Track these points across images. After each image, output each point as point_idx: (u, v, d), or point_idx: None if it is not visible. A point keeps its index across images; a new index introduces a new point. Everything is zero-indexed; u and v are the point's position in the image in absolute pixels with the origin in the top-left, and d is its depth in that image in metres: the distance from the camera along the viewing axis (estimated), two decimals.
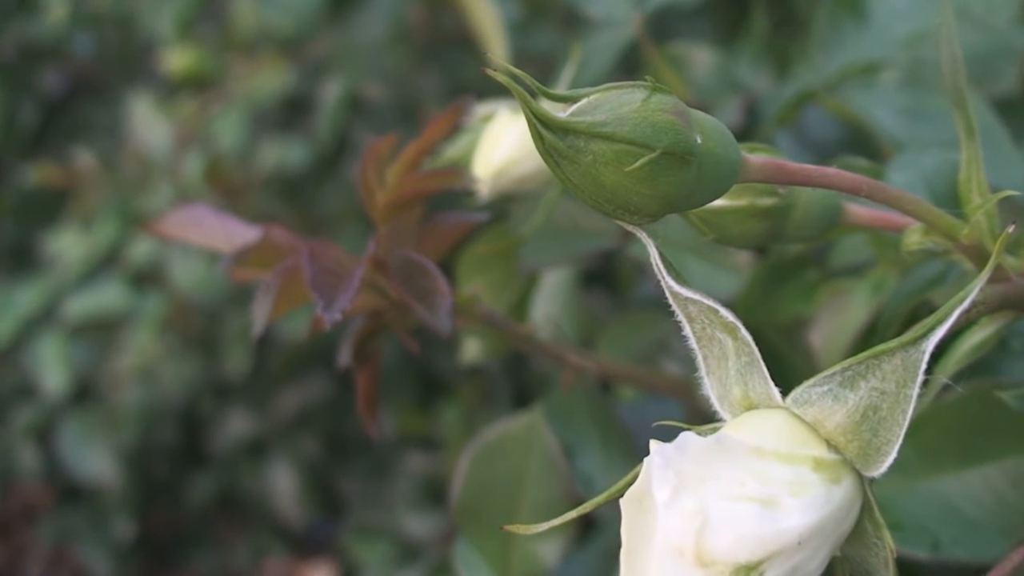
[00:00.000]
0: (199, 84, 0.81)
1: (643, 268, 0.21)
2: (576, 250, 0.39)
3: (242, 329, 0.77)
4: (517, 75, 0.19)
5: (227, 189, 0.76)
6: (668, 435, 0.19)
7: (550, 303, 0.45)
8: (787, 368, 0.32)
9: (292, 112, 0.81)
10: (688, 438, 0.18)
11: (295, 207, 0.79)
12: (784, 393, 0.20)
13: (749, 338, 0.20)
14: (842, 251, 0.33)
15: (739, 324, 0.20)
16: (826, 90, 0.38)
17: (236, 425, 0.85)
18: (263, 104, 0.79)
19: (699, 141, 0.20)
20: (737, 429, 0.19)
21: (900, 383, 0.18)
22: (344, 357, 0.32)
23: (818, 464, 0.18)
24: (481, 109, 0.39)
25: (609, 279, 0.54)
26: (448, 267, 0.33)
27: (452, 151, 0.38)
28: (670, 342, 0.38)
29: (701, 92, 0.42)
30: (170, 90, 0.83)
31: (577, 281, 0.47)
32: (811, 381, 0.20)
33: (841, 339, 0.31)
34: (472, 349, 0.44)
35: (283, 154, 0.78)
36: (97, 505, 0.86)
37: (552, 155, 0.20)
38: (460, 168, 0.35)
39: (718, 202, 0.24)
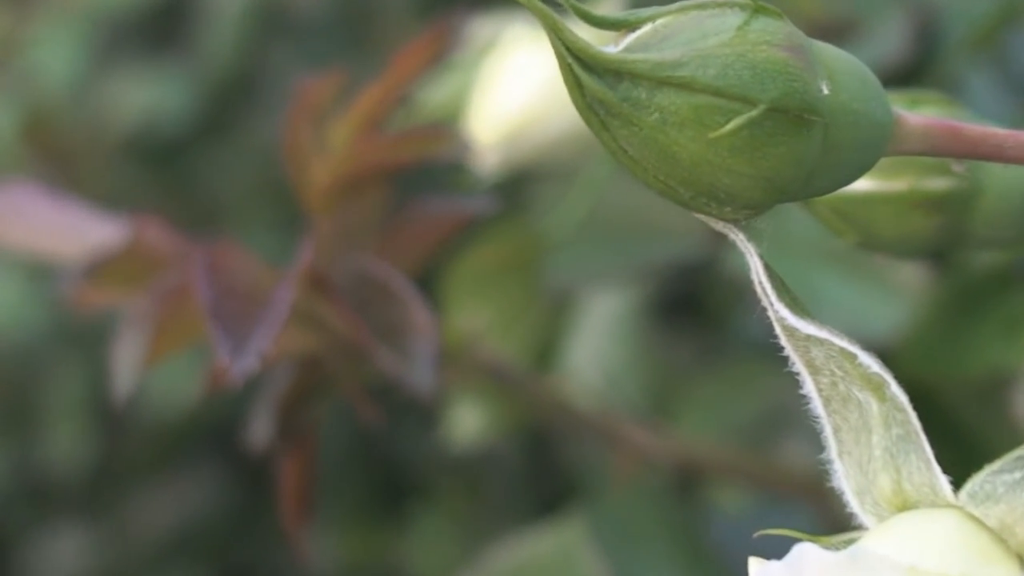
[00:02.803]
0: None
1: (747, 291, 0.23)
2: (637, 261, 0.41)
3: (81, 391, 0.78)
4: None
5: (59, 154, 0.77)
6: (780, 550, 0.20)
7: (598, 345, 0.47)
8: (970, 446, 0.33)
9: (165, 31, 0.83)
10: (807, 553, 0.20)
11: (173, 185, 0.81)
12: (958, 484, 0.21)
13: (904, 399, 0.21)
14: None
15: (888, 377, 0.21)
16: None
17: (66, 549, 0.87)
18: (115, 17, 0.81)
19: (826, 91, 0.21)
20: (883, 539, 0.21)
21: None
22: (258, 435, 0.34)
23: None
24: (480, 31, 0.40)
25: (695, 308, 0.56)
26: (431, 286, 0.35)
27: (435, 99, 0.40)
28: (794, 409, 0.39)
29: (843, 4, 0.43)
30: None
31: (643, 311, 0.49)
32: (998, 465, 0.21)
33: None
34: (468, 421, 0.45)
35: (151, 98, 0.80)
36: None
37: (596, 112, 0.21)
38: (448, 127, 0.36)
39: (862, 186, 0.25)
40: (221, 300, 0.31)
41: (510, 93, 0.38)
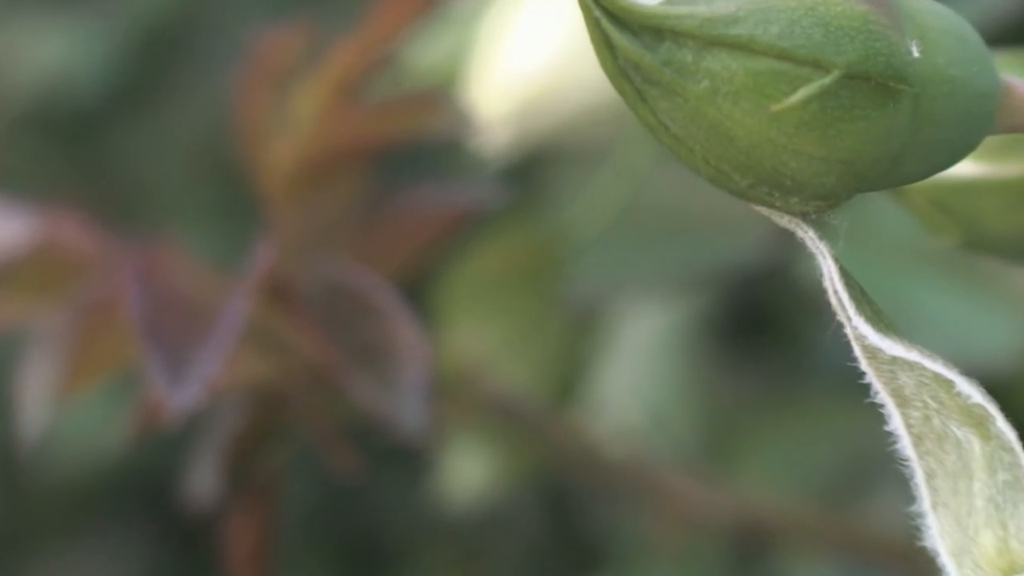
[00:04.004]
0: None
1: (825, 304, 0.23)
2: (684, 266, 0.42)
3: None
4: None
5: None
6: None
7: (636, 373, 0.47)
8: None
9: None
10: None
11: (89, 167, 0.81)
12: None
13: (1013, 438, 0.22)
14: None
15: (993, 410, 0.22)
16: None
17: None
18: None
19: (916, 53, 0.22)
20: None
21: None
22: (201, 488, 0.35)
23: None
24: None
25: (759, 326, 0.56)
26: (422, 297, 0.36)
27: (427, 60, 0.41)
28: (882, 453, 0.40)
29: None
30: None
31: (693, 330, 0.49)
32: None
33: None
34: (469, 471, 0.45)
35: (60, 56, 0.81)
36: None
37: (631, 79, 0.22)
38: (444, 95, 0.37)
39: (965, 171, 0.26)
40: (156, 315, 0.32)
41: (522, 53, 0.38)
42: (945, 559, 0.23)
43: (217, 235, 0.73)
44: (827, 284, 0.22)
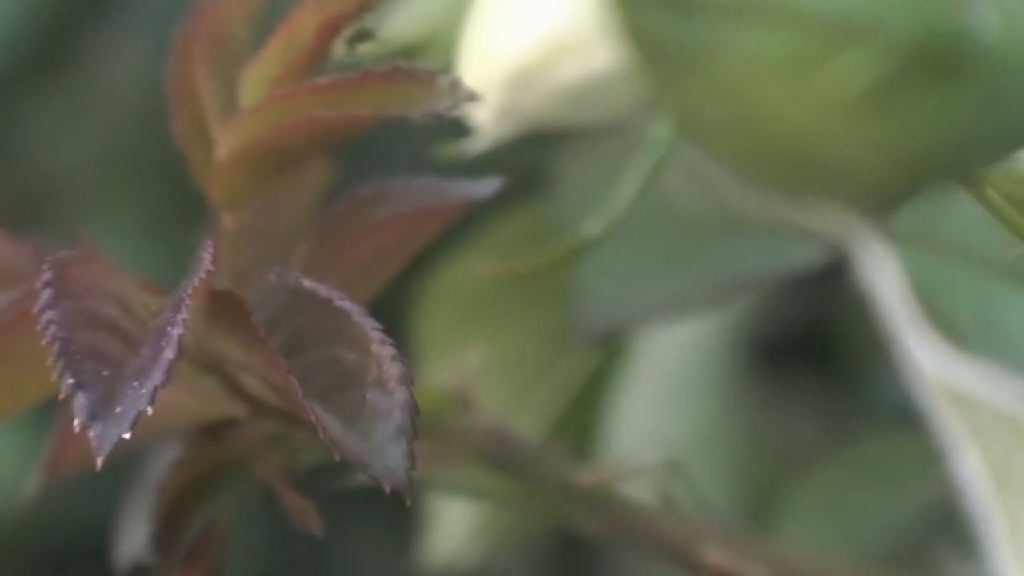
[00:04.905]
0: None
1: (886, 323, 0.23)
2: (720, 275, 0.42)
3: None
4: None
5: None
6: None
7: (660, 410, 0.48)
8: None
9: None
10: None
11: None
12: None
13: None
14: None
15: None
16: None
17: None
18: None
19: (988, 22, 0.23)
20: None
21: None
22: (130, 548, 0.35)
23: None
24: None
25: (811, 350, 0.56)
26: (399, 315, 0.36)
27: (404, 25, 0.41)
28: (953, 504, 0.40)
29: None
30: None
31: (730, 354, 0.50)
32: None
33: None
34: (456, 529, 0.46)
35: None
36: None
37: (652, 52, 0.23)
38: (424, 67, 0.37)
39: None
40: (76, 336, 0.32)
41: (520, 17, 0.39)
42: None
43: (147, 238, 0.73)
44: (883, 299, 0.23)
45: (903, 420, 0.41)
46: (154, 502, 0.35)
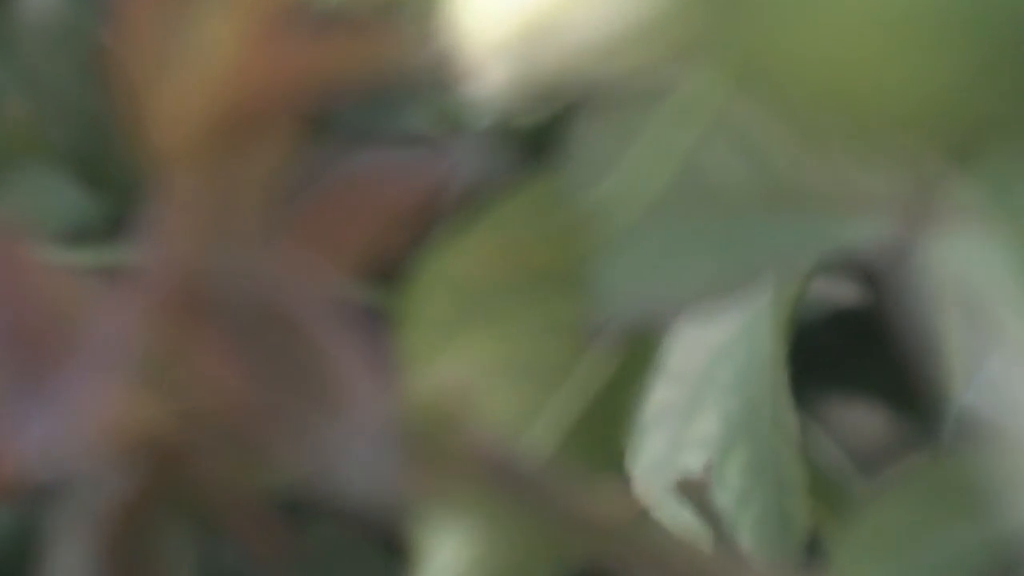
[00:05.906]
0: None
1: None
2: (764, 260, 0.42)
3: None
4: None
5: None
6: None
7: (689, 421, 0.48)
8: None
9: None
10: None
11: None
12: None
13: None
14: None
15: None
16: None
17: None
18: None
19: None
20: None
21: None
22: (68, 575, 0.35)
23: None
24: None
25: (872, 351, 0.57)
26: (384, 308, 0.36)
27: None
28: None
29: None
30: None
31: (775, 356, 0.50)
32: None
33: None
34: (452, 558, 0.46)
35: None
36: None
37: None
38: (413, 19, 0.37)
39: None
40: (2, 332, 0.32)
41: None
42: None
43: (83, 221, 0.73)
44: (955, 291, 0.22)
45: (974, 438, 0.41)
46: (97, 532, 0.35)
